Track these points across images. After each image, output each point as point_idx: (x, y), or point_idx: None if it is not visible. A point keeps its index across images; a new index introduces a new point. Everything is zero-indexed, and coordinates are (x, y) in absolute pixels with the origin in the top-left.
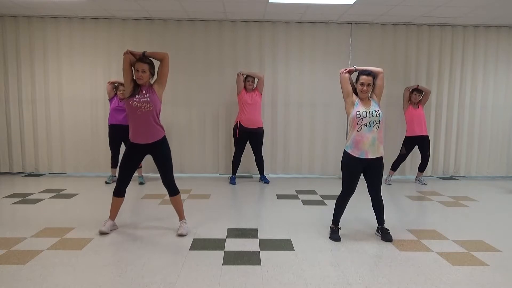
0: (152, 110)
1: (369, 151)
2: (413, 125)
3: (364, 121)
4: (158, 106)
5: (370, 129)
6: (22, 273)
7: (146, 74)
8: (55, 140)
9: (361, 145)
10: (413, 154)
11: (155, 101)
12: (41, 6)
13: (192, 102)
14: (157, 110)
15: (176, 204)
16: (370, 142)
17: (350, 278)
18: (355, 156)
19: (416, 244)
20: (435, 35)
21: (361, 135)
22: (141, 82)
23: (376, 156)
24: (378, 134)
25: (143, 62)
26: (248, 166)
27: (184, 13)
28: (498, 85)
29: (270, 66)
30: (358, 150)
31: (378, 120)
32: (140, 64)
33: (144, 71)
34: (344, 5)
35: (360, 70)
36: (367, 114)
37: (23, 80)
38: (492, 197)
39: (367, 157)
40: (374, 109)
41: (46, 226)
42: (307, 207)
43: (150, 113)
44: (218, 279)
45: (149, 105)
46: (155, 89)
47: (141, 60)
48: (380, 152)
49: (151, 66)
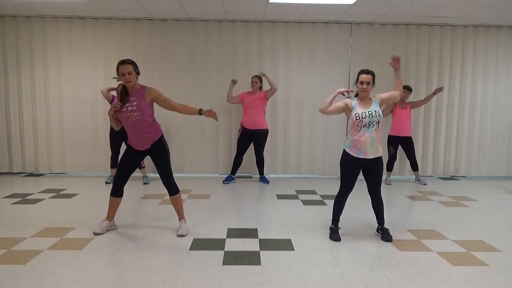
0: (141, 118)
1: (368, 151)
2: (399, 125)
3: (364, 122)
4: (148, 112)
5: (370, 129)
6: (22, 273)
7: (132, 74)
8: (55, 140)
9: (360, 145)
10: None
11: (143, 107)
12: (41, 6)
13: (192, 102)
14: (148, 116)
15: (175, 203)
16: (369, 142)
17: (350, 278)
18: (354, 155)
19: (416, 244)
20: (435, 35)
21: (360, 135)
22: (130, 84)
23: (375, 156)
24: (377, 135)
25: (126, 64)
26: (248, 166)
27: (184, 13)
28: (498, 85)
29: (270, 66)
30: (356, 150)
31: (378, 120)
32: (123, 67)
33: (129, 72)
34: (344, 5)
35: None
36: (366, 115)
37: (23, 80)
38: (492, 197)
39: (365, 157)
40: (374, 109)
41: (46, 226)
42: (307, 207)
43: (140, 120)
44: (218, 279)
45: (136, 114)
46: (146, 94)
47: (123, 63)
48: (379, 152)
49: (134, 65)
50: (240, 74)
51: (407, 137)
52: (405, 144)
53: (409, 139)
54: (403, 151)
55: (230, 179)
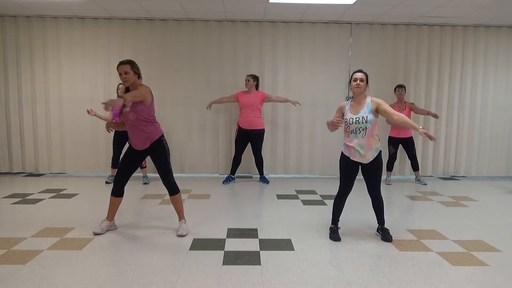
0: (137, 118)
1: (355, 155)
2: (398, 126)
3: (351, 127)
4: (142, 111)
5: (356, 136)
6: (22, 273)
7: (129, 74)
8: (55, 140)
9: (349, 148)
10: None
11: (137, 108)
12: (41, 6)
13: (192, 102)
14: (143, 115)
15: (175, 203)
16: (357, 148)
17: (350, 278)
18: (347, 155)
19: (416, 244)
20: (435, 35)
21: (349, 140)
22: (127, 84)
23: (363, 162)
24: (365, 141)
25: (122, 64)
26: (248, 166)
27: (184, 13)
28: (498, 85)
29: (270, 66)
30: (348, 152)
31: (365, 126)
32: (120, 67)
33: (126, 72)
34: (344, 5)
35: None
36: (353, 121)
37: (23, 80)
38: (492, 197)
39: (354, 159)
40: (362, 115)
41: (46, 226)
42: (307, 207)
43: (136, 121)
44: (218, 279)
45: (131, 115)
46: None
47: (120, 63)
48: (366, 158)
49: (132, 65)
50: (240, 74)
51: (407, 137)
52: (406, 144)
53: (410, 139)
54: (403, 151)
55: (229, 179)
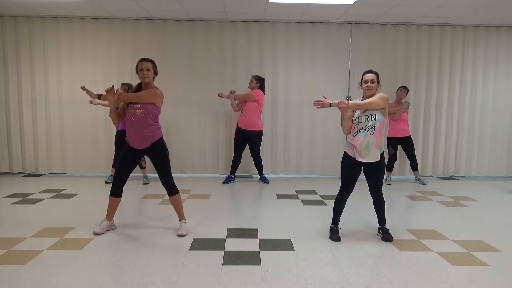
0: (146, 116)
1: (362, 154)
2: (397, 126)
3: (360, 126)
4: (152, 111)
5: (365, 134)
6: (22, 273)
7: (150, 72)
8: (55, 140)
9: (355, 148)
10: (404, 156)
11: (147, 106)
12: (41, 6)
13: (192, 102)
14: (151, 115)
15: (175, 203)
16: (364, 146)
17: (350, 278)
18: (351, 156)
19: (416, 244)
20: (435, 35)
21: (356, 139)
22: (146, 80)
23: (369, 161)
24: (373, 139)
25: (146, 61)
26: (247, 166)
27: (184, 13)
28: (498, 85)
29: (270, 66)
30: (353, 151)
31: (374, 124)
32: (143, 63)
33: (148, 69)
34: (344, 5)
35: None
36: (362, 119)
37: (23, 80)
38: (492, 197)
39: (360, 160)
40: (371, 113)
41: (46, 226)
42: (307, 207)
43: (144, 119)
44: (218, 279)
45: (141, 111)
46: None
47: (144, 59)
48: (375, 157)
49: (154, 64)
50: (240, 74)
51: (405, 137)
52: (405, 144)
53: (408, 138)
54: (403, 151)
55: (229, 179)
